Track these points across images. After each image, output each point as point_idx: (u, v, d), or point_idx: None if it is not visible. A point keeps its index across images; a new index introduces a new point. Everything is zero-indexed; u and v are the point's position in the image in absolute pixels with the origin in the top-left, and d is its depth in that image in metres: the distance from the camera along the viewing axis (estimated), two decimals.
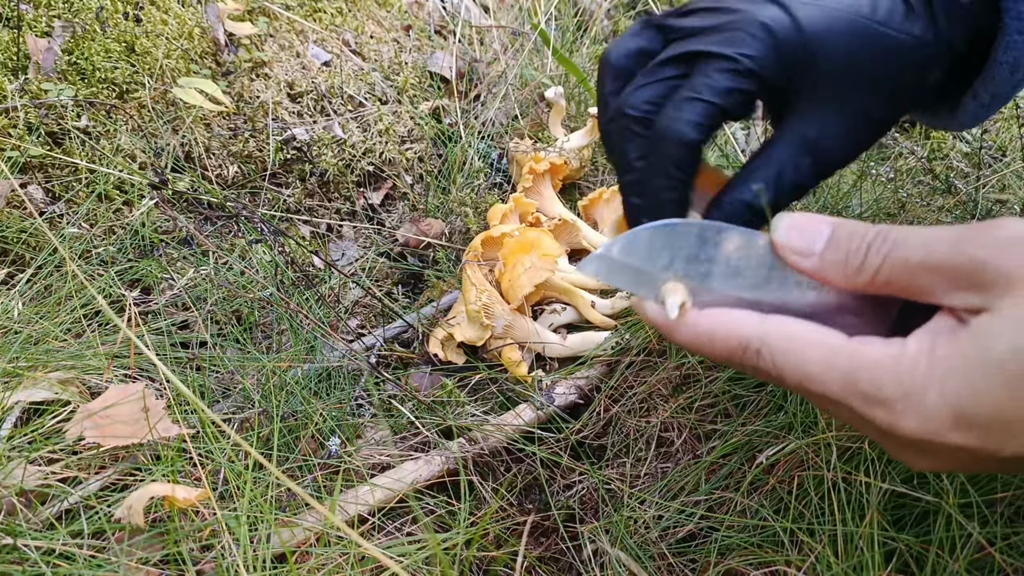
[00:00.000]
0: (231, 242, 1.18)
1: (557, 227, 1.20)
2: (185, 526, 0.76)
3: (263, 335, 1.08)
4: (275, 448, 0.86)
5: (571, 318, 1.15)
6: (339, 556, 0.77)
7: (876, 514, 0.73)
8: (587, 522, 0.89)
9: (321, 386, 1.00)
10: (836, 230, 0.48)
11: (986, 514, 0.70)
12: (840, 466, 0.78)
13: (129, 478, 0.81)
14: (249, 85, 1.31)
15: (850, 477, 0.77)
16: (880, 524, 0.73)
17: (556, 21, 1.65)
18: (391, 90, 1.44)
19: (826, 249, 0.48)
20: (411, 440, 0.96)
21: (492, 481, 0.93)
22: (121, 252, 1.10)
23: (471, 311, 1.04)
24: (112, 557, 0.71)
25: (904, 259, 0.45)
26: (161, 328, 1.00)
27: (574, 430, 0.98)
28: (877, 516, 0.73)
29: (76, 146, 1.15)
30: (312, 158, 1.30)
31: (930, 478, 0.76)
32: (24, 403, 0.85)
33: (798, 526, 0.78)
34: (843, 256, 0.47)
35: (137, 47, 1.24)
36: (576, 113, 1.50)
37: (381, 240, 1.30)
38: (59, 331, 0.94)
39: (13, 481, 0.74)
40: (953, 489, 0.71)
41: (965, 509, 0.70)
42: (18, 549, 0.68)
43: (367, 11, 1.54)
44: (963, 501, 0.71)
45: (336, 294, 1.17)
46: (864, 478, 0.75)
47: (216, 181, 1.24)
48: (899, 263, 0.45)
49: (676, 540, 0.85)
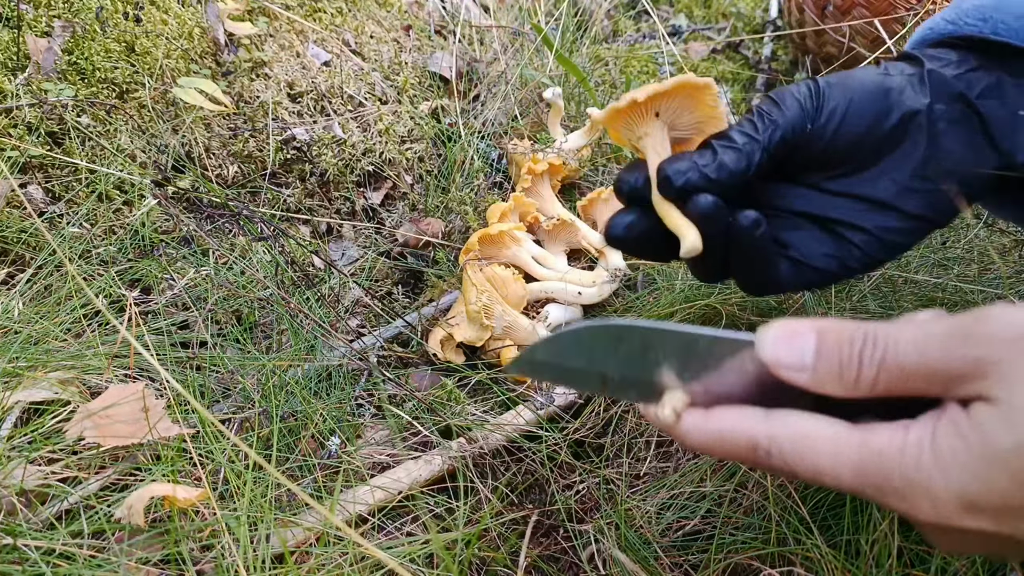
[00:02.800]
0: (231, 242, 1.18)
1: (556, 227, 1.20)
2: (185, 526, 0.76)
3: (263, 335, 1.08)
4: (275, 448, 0.86)
5: (570, 317, 1.15)
6: (339, 556, 0.77)
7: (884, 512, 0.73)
8: (587, 521, 0.89)
9: (321, 386, 1.00)
10: (821, 339, 0.47)
11: None
12: None
13: (129, 478, 0.81)
14: (249, 85, 1.31)
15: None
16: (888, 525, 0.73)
17: (556, 21, 1.65)
18: (391, 90, 1.44)
19: (817, 362, 0.47)
20: (411, 440, 0.96)
21: (492, 480, 0.93)
22: (121, 252, 1.10)
23: (471, 311, 1.04)
24: (112, 557, 0.71)
25: (899, 366, 0.45)
26: (161, 328, 1.00)
27: (574, 430, 0.98)
28: (890, 514, 0.73)
29: (76, 146, 1.15)
30: (312, 158, 1.30)
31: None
32: (24, 403, 0.85)
33: (802, 523, 0.78)
34: (836, 369, 0.46)
35: (137, 47, 1.24)
36: (576, 113, 1.50)
37: (381, 240, 1.30)
38: (59, 331, 0.94)
39: (13, 481, 0.74)
40: None
41: None
42: (18, 549, 0.68)
43: (367, 11, 1.54)
44: None
45: (336, 294, 1.17)
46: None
47: (216, 181, 1.24)
48: (895, 371, 0.45)
49: (677, 538, 0.85)
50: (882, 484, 0.44)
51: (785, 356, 0.48)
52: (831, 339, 0.47)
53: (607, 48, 1.77)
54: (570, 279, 1.16)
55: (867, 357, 0.45)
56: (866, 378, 0.46)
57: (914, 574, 0.71)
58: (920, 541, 0.73)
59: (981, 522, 0.42)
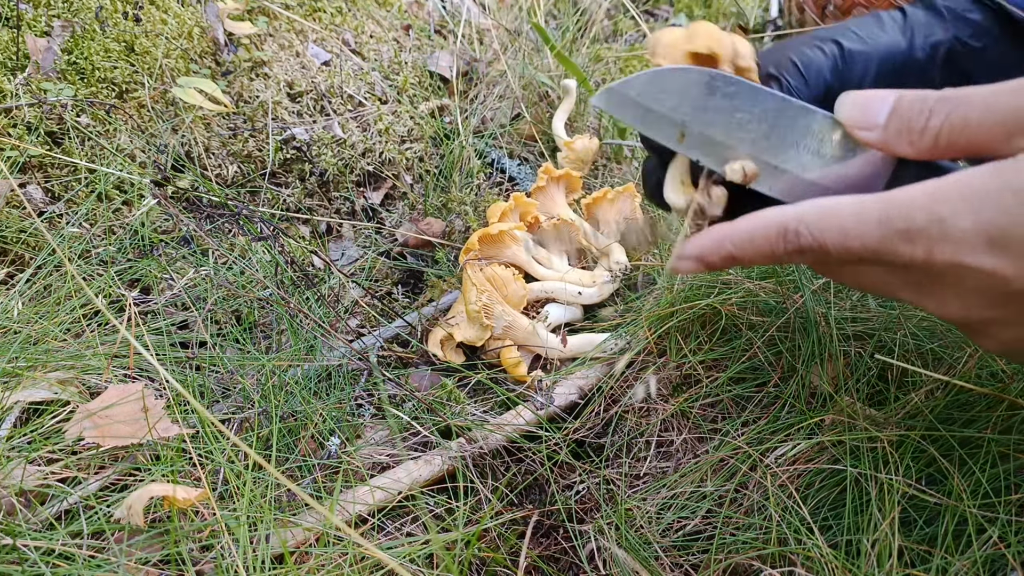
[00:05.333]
0: (231, 242, 1.18)
1: (556, 226, 1.20)
2: (185, 526, 0.76)
3: (263, 335, 1.08)
4: (275, 448, 0.86)
5: (571, 317, 1.15)
6: (339, 556, 0.77)
7: (885, 511, 0.73)
8: (587, 521, 0.89)
9: (321, 386, 1.00)
10: (899, 100, 0.50)
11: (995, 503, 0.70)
12: (849, 464, 0.77)
13: (129, 478, 0.81)
14: (249, 85, 1.31)
15: (863, 475, 0.77)
16: (889, 524, 0.72)
17: (556, 20, 1.65)
18: (391, 90, 1.43)
19: (889, 120, 0.49)
20: (411, 440, 0.96)
21: (492, 480, 0.93)
22: (121, 252, 1.09)
23: (471, 311, 1.04)
24: (112, 557, 0.71)
25: (964, 117, 0.46)
26: (161, 328, 1.00)
27: (574, 430, 0.97)
28: (891, 514, 0.73)
29: (75, 146, 1.15)
30: (312, 158, 1.30)
31: (936, 476, 0.76)
32: (24, 403, 0.85)
33: (802, 523, 0.78)
34: (905, 123, 0.49)
35: (136, 47, 1.24)
36: (575, 113, 1.50)
37: (381, 240, 1.30)
38: (58, 331, 0.94)
39: (13, 481, 0.74)
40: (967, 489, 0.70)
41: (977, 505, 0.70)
42: (18, 549, 0.68)
43: (367, 11, 1.54)
44: (984, 502, 0.71)
45: (336, 294, 1.17)
46: (876, 473, 0.75)
47: (216, 181, 1.24)
48: (959, 122, 0.46)
49: (677, 538, 0.85)
50: (906, 228, 0.44)
51: (860, 116, 0.51)
52: (907, 100, 0.49)
53: (607, 48, 1.77)
54: (570, 279, 1.16)
55: (937, 109, 0.47)
56: (932, 129, 0.47)
57: (914, 574, 0.71)
58: (921, 541, 0.73)
59: (1002, 263, 0.42)
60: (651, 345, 1.00)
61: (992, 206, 0.42)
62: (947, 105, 0.47)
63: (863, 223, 0.46)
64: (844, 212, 0.47)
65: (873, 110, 0.50)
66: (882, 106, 0.50)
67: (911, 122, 0.48)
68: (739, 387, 0.94)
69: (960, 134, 0.46)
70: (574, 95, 1.40)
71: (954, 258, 0.43)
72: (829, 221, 0.48)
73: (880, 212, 0.46)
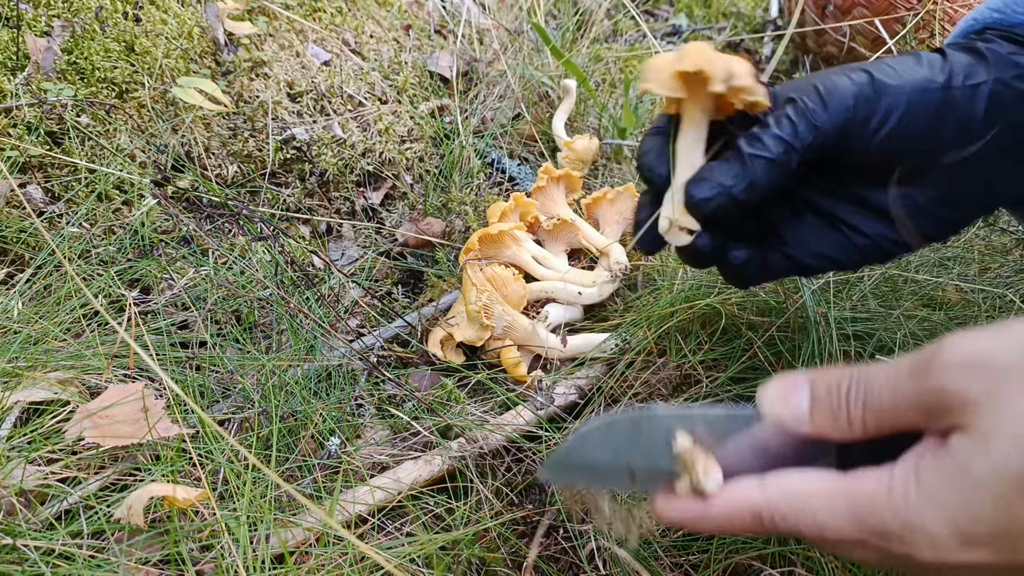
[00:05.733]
0: (231, 242, 1.18)
1: (556, 226, 1.20)
2: (185, 526, 0.76)
3: (263, 335, 1.08)
4: (275, 448, 0.86)
5: (570, 317, 1.15)
6: (339, 556, 0.77)
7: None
8: (587, 521, 0.89)
9: (321, 386, 1.00)
10: (814, 389, 0.49)
11: None
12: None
13: (129, 478, 0.81)
14: (249, 85, 1.31)
15: None
16: None
17: (556, 20, 1.65)
18: (391, 90, 1.44)
19: (813, 412, 0.49)
20: (411, 440, 0.96)
21: (492, 480, 0.93)
22: (121, 252, 1.09)
23: (471, 311, 1.04)
24: (112, 557, 0.71)
25: (878, 404, 0.46)
26: (160, 328, 1.00)
27: (574, 430, 0.97)
28: None
29: (75, 146, 1.15)
30: (312, 158, 1.30)
31: None
32: (24, 403, 0.85)
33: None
34: (830, 417, 0.48)
35: (136, 47, 1.24)
36: (575, 113, 1.50)
37: (381, 240, 1.30)
38: (58, 331, 0.94)
39: (13, 481, 0.74)
40: None
41: None
42: (18, 549, 0.68)
43: (367, 11, 1.54)
44: None
45: (336, 294, 1.17)
46: None
47: (216, 181, 1.24)
48: (875, 411, 0.46)
49: (677, 538, 0.85)
50: (881, 529, 0.44)
51: (784, 411, 0.50)
52: (822, 387, 0.49)
53: (607, 48, 1.77)
54: (570, 279, 1.16)
55: (852, 399, 0.47)
56: (856, 419, 0.47)
57: None
58: None
59: (981, 554, 0.42)
60: (651, 345, 1.00)
61: (949, 506, 0.42)
62: (860, 391, 0.47)
63: (835, 518, 0.46)
64: (814, 505, 0.46)
65: (793, 403, 0.49)
66: (801, 397, 0.49)
67: (834, 412, 0.48)
68: (739, 387, 0.94)
69: (884, 419, 0.46)
70: (574, 95, 1.40)
71: (937, 559, 0.43)
72: (801, 514, 0.47)
73: (850, 510, 0.45)
